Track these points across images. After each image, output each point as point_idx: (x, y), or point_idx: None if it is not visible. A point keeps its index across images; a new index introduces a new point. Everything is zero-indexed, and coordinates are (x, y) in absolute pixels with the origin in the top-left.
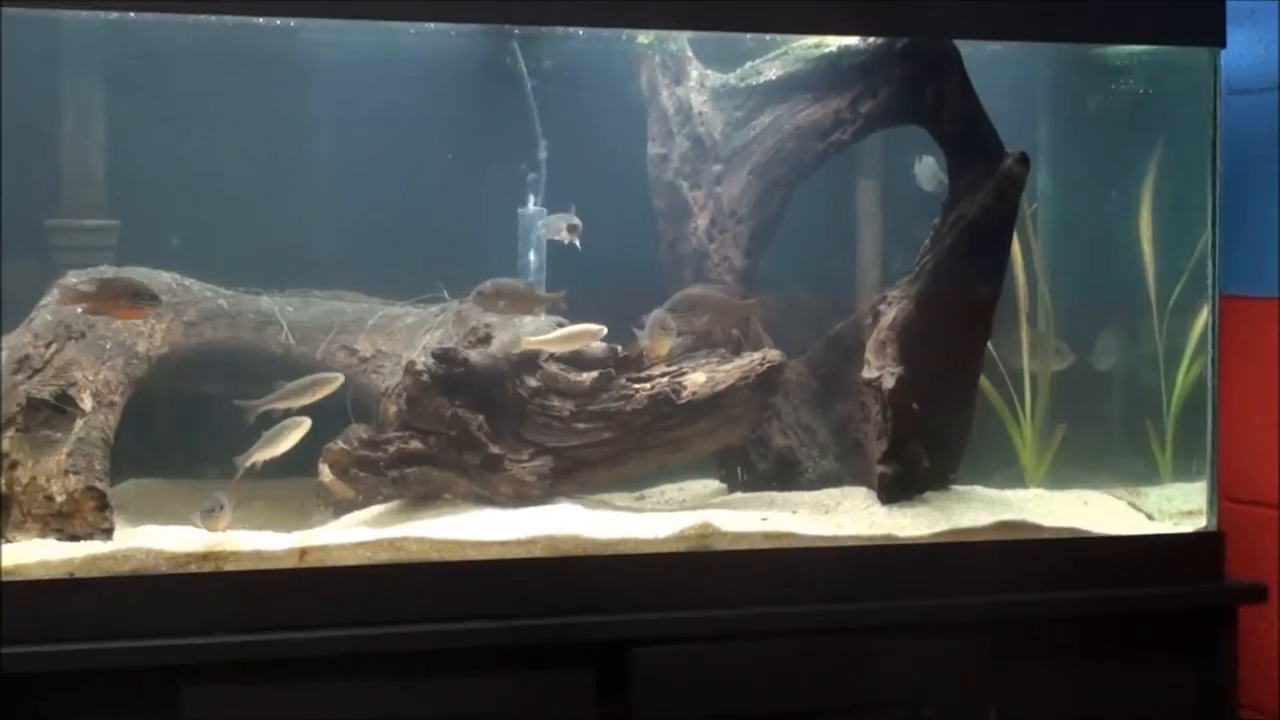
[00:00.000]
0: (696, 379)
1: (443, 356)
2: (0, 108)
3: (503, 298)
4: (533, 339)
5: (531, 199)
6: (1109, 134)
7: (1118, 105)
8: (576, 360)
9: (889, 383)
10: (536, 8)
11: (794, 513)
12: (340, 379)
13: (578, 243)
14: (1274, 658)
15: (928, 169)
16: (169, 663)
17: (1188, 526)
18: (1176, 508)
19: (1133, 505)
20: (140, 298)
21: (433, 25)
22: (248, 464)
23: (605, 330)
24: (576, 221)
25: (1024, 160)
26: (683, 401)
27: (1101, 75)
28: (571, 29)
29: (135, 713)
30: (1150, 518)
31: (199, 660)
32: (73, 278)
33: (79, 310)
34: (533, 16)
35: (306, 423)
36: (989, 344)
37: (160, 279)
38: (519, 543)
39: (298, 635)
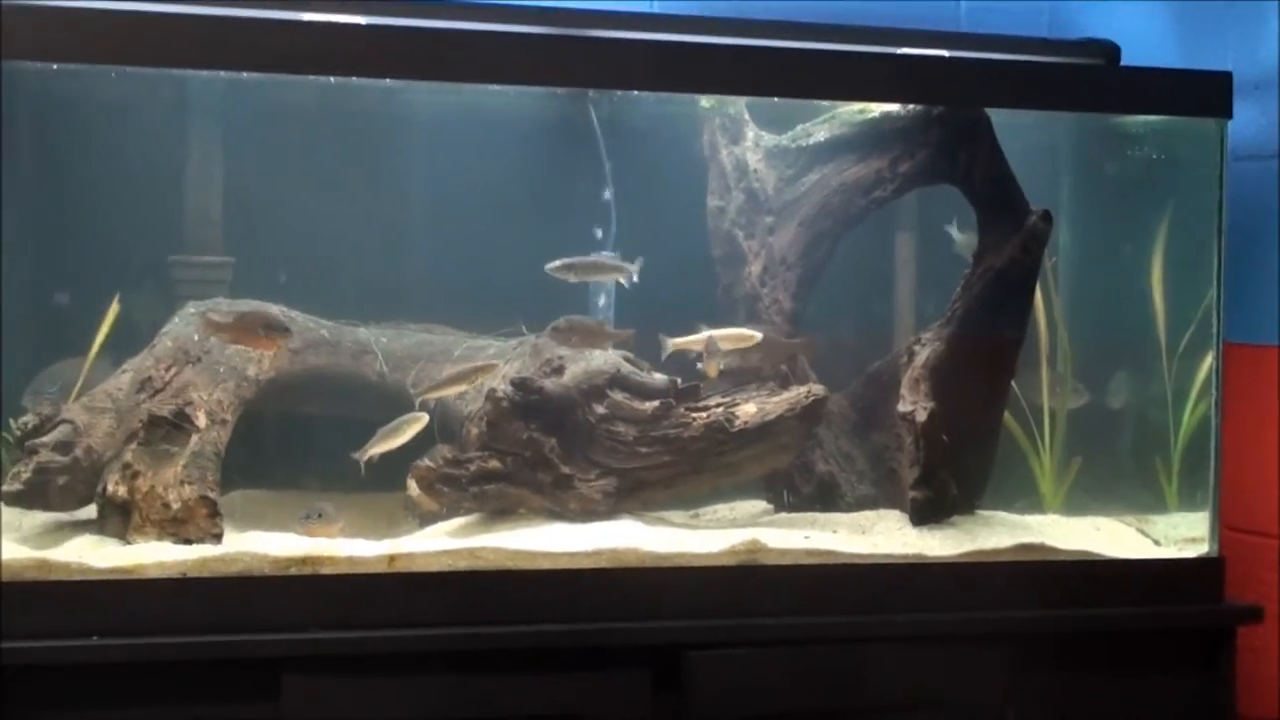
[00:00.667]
0: (748, 409)
1: (520, 385)
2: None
3: (575, 333)
4: (679, 340)
5: (604, 248)
6: (1125, 195)
7: (1133, 169)
8: (640, 390)
9: (922, 416)
10: (613, 73)
11: (834, 532)
12: (498, 364)
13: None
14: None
15: (966, 239)
16: (271, 655)
17: (1191, 552)
18: (1181, 535)
19: (1141, 532)
20: (273, 329)
21: (518, 88)
22: (366, 458)
23: (759, 336)
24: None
25: (1047, 217)
26: (735, 430)
27: (1118, 141)
28: (643, 93)
29: (240, 699)
30: (1157, 543)
31: (298, 653)
32: (191, 308)
33: (218, 339)
34: (609, 81)
35: (424, 418)
36: (1013, 383)
37: (269, 311)
38: (585, 554)
39: (386, 633)
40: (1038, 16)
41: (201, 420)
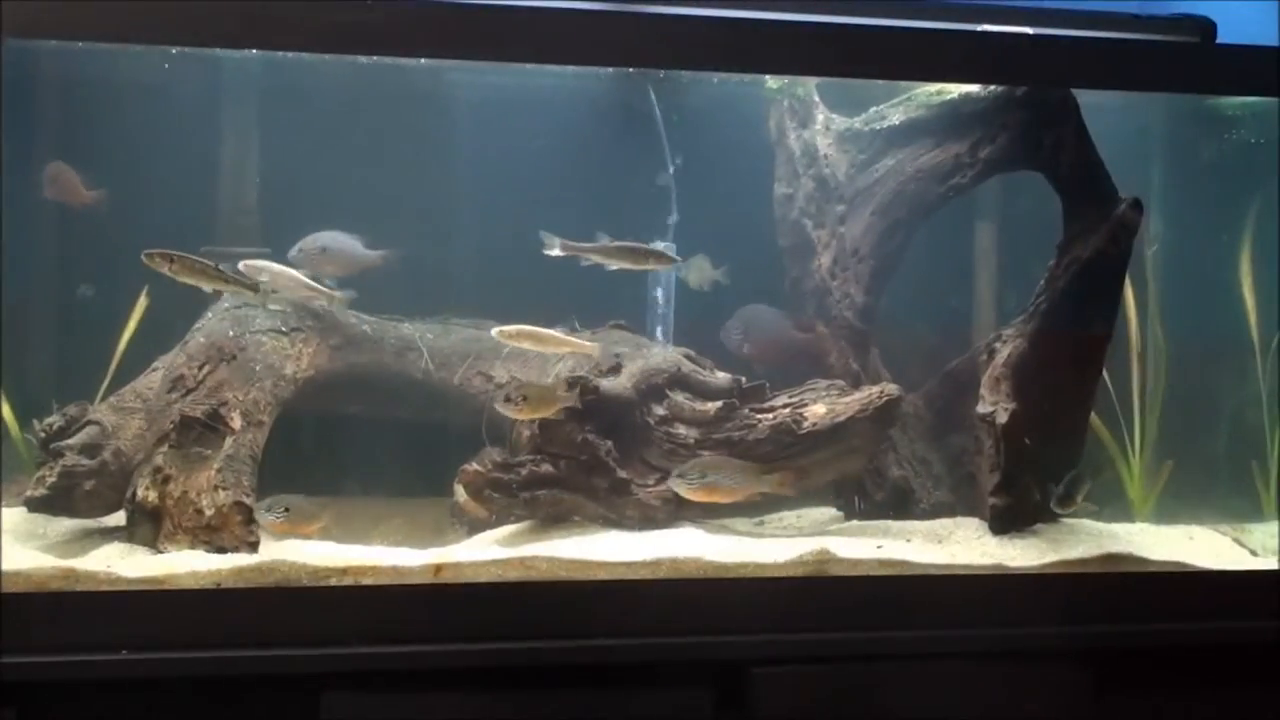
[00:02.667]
0: (817, 410)
1: (575, 384)
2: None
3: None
4: None
5: (665, 238)
6: (1221, 180)
7: (1230, 153)
8: (702, 390)
9: (1002, 417)
10: (675, 53)
11: (908, 541)
12: None
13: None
14: None
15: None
16: (309, 671)
17: None
18: None
19: (1237, 541)
20: None
21: (571, 69)
22: None
23: None
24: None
25: (1137, 206)
26: (803, 432)
27: (1215, 124)
28: (705, 74)
29: (276, 717)
30: (1254, 554)
31: (338, 669)
32: (225, 302)
33: None
34: (671, 60)
35: None
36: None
37: (308, 305)
38: (644, 564)
39: (431, 648)
40: None
41: (236, 421)
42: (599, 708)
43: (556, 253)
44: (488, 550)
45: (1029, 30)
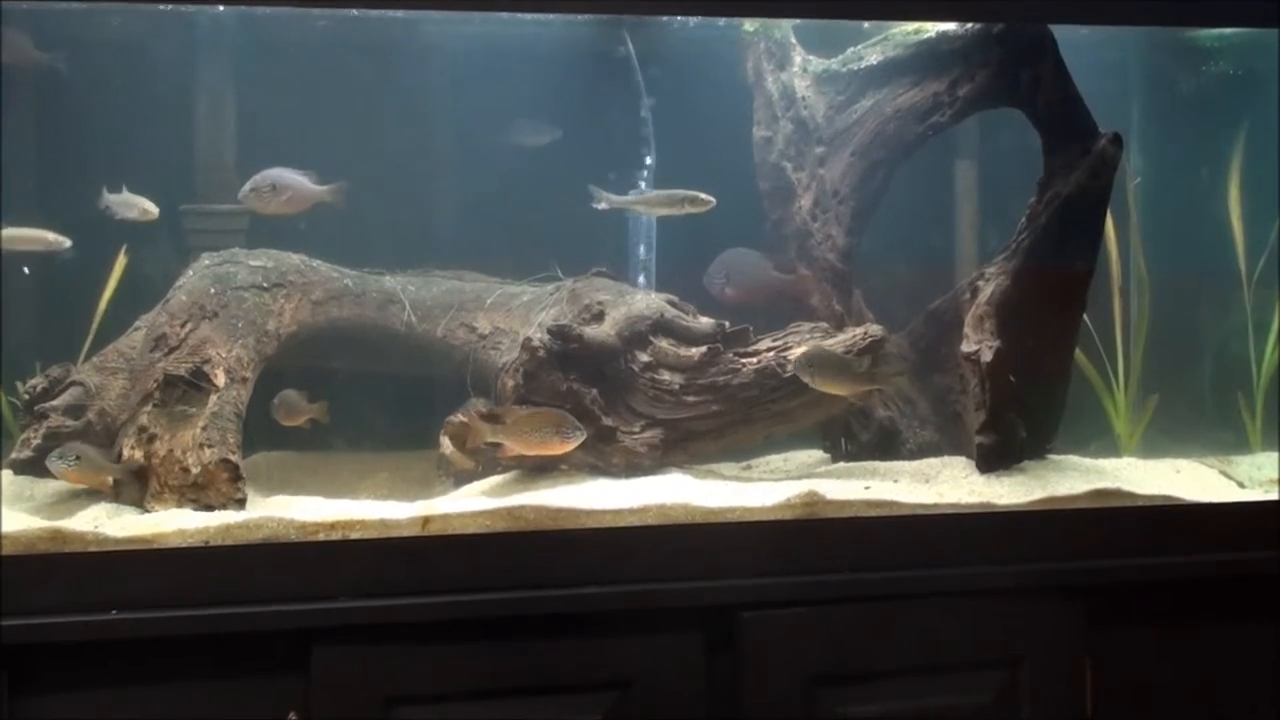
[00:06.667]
0: (801, 353)
1: (558, 333)
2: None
3: None
4: None
5: (642, 183)
6: (1200, 113)
7: (1208, 86)
8: (685, 336)
9: (987, 356)
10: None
11: (895, 482)
12: None
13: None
14: None
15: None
16: (299, 626)
17: (1278, 494)
18: (1267, 476)
19: (1224, 474)
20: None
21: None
22: None
23: None
24: None
25: (1117, 140)
26: (788, 375)
27: (1193, 57)
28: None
29: (267, 673)
30: (1241, 485)
31: (328, 623)
32: (206, 259)
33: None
34: (646, 6)
35: None
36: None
37: (289, 260)
38: (631, 511)
39: (421, 600)
40: None
41: (220, 379)
42: (589, 655)
43: (603, 206)
44: (475, 501)
45: None
